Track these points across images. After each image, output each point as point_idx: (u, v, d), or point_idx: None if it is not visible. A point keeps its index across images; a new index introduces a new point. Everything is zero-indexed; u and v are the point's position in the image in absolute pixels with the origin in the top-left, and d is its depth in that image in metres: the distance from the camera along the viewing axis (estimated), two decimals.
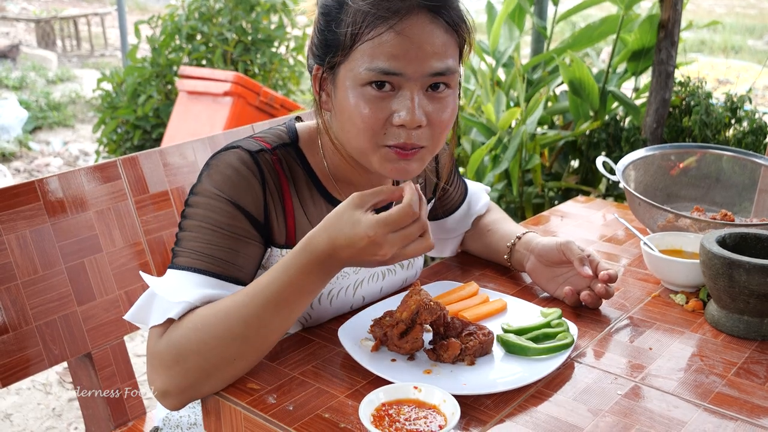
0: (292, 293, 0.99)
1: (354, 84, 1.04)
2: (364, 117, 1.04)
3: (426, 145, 1.07)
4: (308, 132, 1.20)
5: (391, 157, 1.07)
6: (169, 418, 1.36)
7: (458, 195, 1.48)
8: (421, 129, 1.05)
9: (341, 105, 1.07)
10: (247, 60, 4.86)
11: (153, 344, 1.03)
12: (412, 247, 0.97)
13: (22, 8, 12.24)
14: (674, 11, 2.82)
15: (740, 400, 1.01)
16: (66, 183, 1.38)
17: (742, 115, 2.85)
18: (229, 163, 1.09)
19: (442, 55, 1.04)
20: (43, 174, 5.26)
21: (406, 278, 1.35)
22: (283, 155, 1.15)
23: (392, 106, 1.04)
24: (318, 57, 1.10)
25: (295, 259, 0.99)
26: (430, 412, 0.93)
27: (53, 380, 2.71)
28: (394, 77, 1.02)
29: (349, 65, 1.04)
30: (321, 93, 1.12)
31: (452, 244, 1.53)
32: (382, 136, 1.05)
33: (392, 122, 1.04)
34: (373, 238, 0.94)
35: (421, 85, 1.04)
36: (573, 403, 0.99)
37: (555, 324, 1.15)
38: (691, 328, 1.21)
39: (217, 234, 1.06)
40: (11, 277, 1.29)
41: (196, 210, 1.08)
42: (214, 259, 1.06)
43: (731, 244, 1.25)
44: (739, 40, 10.85)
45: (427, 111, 1.05)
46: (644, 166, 1.72)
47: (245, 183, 1.08)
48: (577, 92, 2.96)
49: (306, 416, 0.96)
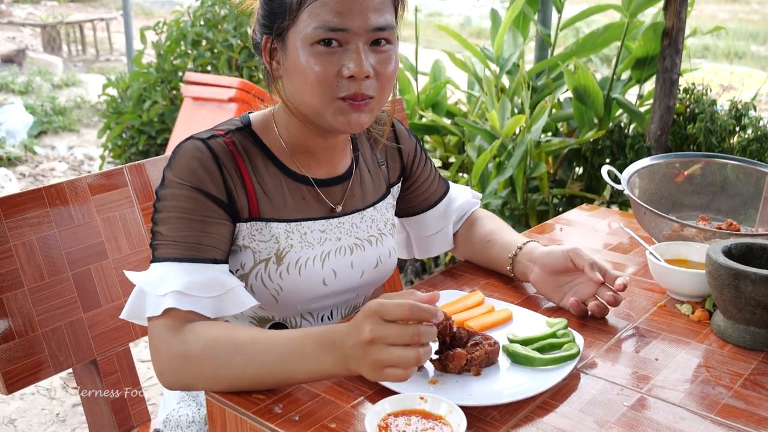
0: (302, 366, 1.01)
1: (303, 44, 1.12)
2: (316, 72, 1.11)
3: (374, 95, 1.15)
4: (260, 116, 1.28)
5: (344, 109, 1.14)
6: (169, 419, 1.37)
7: (438, 186, 1.50)
8: (369, 80, 1.13)
9: (293, 66, 1.15)
10: (252, 66, 4.86)
11: (161, 336, 1.08)
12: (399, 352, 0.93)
13: (29, 13, 12.29)
14: (678, 19, 2.83)
15: (747, 412, 1.00)
16: (72, 190, 1.38)
17: (747, 123, 2.85)
18: (185, 152, 1.17)
19: (381, 11, 1.13)
20: (48, 178, 5.28)
21: (379, 256, 1.35)
22: (236, 138, 1.23)
23: (341, 61, 1.12)
24: (266, 27, 1.18)
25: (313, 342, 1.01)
26: (437, 423, 0.93)
27: (57, 385, 2.72)
28: (340, 33, 1.11)
29: (297, 27, 1.13)
30: (272, 62, 1.20)
31: (436, 243, 1.53)
32: (334, 89, 1.13)
33: (342, 75, 1.12)
34: (371, 331, 0.93)
35: (365, 40, 1.12)
36: (579, 415, 0.99)
37: (561, 334, 1.15)
38: (697, 338, 1.21)
39: (187, 220, 1.13)
40: (18, 283, 1.29)
41: (163, 203, 1.15)
42: (188, 244, 1.12)
43: (737, 254, 1.25)
44: (743, 46, 10.85)
45: (372, 64, 1.13)
46: (649, 175, 1.72)
47: (203, 167, 1.16)
48: (581, 99, 2.96)
49: (312, 426, 0.96)
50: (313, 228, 1.26)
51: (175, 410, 1.37)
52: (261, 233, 1.22)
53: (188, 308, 1.08)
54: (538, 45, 3.54)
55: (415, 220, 1.52)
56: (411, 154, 1.46)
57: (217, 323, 1.08)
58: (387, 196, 1.40)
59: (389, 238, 1.39)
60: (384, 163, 1.42)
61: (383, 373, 0.94)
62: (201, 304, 1.09)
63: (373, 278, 1.36)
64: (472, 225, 1.52)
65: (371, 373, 0.95)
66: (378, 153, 1.41)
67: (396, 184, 1.44)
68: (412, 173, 1.47)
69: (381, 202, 1.38)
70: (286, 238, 1.24)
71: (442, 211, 1.51)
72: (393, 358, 0.92)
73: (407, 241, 1.57)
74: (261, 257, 1.23)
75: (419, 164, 1.47)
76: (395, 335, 0.92)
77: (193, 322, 1.08)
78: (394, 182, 1.44)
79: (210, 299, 1.10)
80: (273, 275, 1.23)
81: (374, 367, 0.93)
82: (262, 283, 1.24)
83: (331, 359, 0.98)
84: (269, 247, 1.23)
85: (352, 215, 1.32)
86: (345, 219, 1.31)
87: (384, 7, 1.14)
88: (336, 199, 1.30)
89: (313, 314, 1.33)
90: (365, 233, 1.34)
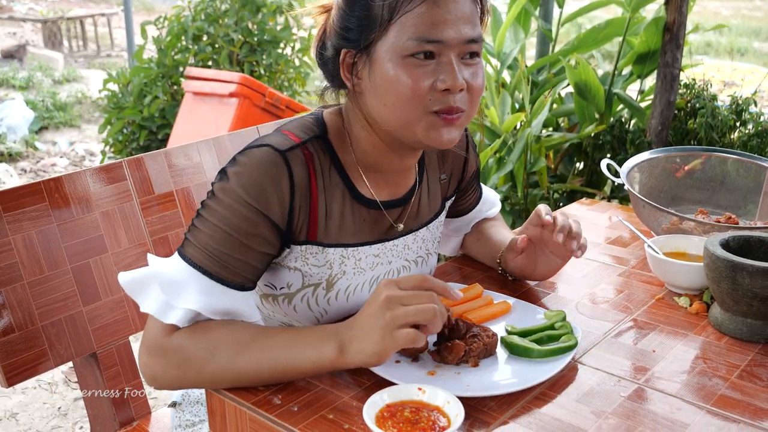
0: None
1: (396, 56, 1.07)
2: (409, 86, 1.06)
3: (465, 110, 1.11)
4: (335, 122, 1.20)
5: (437, 123, 1.09)
6: (188, 394, 1.37)
7: (473, 199, 1.48)
8: (461, 93, 1.09)
9: (382, 80, 1.08)
10: (253, 61, 4.87)
11: (157, 336, 1.04)
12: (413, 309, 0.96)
13: (29, 8, 12.29)
14: (680, 14, 2.82)
15: (743, 403, 1.01)
16: (72, 184, 1.39)
17: (748, 118, 2.85)
18: (257, 161, 1.08)
19: (473, 24, 1.09)
20: (49, 174, 5.28)
21: None
22: (314, 150, 1.14)
23: (434, 74, 1.07)
24: (347, 40, 1.11)
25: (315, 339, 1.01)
26: (434, 413, 0.93)
27: (59, 380, 2.73)
28: (435, 45, 1.06)
29: (387, 40, 1.07)
30: (352, 77, 1.13)
31: (454, 242, 1.53)
32: (428, 102, 1.08)
33: (436, 88, 1.07)
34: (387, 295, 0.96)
35: (458, 52, 1.08)
36: (576, 405, 1.00)
37: (559, 326, 1.15)
38: (695, 330, 1.21)
39: (233, 239, 1.06)
40: (17, 277, 1.30)
41: (218, 207, 1.07)
42: (223, 264, 1.05)
43: (735, 247, 1.25)
44: (745, 43, 10.83)
45: (465, 77, 1.09)
46: (649, 169, 1.72)
47: (274, 187, 1.07)
48: (582, 94, 2.96)
49: (310, 417, 0.96)
50: (368, 253, 1.21)
51: None
52: (315, 257, 1.16)
53: (194, 322, 1.05)
54: (540, 40, 3.54)
55: (449, 222, 1.49)
56: (472, 167, 1.41)
57: (213, 323, 1.05)
58: (441, 212, 1.35)
59: (434, 256, 1.36)
60: (446, 179, 1.36)
61: (394, 338, 0.94)
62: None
63: None
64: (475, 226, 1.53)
65: (380, 342, 0.95)
66: (443, 165, 1.35)
67: (451, 198, 1.40)
68: (465, 187, 1.43)
69: (435, 220, 1.33)
70: (340, 264, 1.18)
71: (473, 217, 1.50)
72: (410, 312, 0.94)
73: None
74: (311, 281, 1.17)
75: (473, 179, 1.44)
76: (411, 295, 0.95)
77: (190, 326, 1.05)
78: (450, 195, 1.39)
79: (219, 320, 1.07)
80: (320, 300, 1.19)
81: (386, 330, 0.94)
82: (308, 305, 1.19)
83: (330, 348, 0.98)
84: (321, 272, 1.17)
85: (406, 236, 1.26)
86: (399, 241, 1.25)
87: (474, 18, 1.10)
88: (395, 220, 1.25)
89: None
90: (414, 254, 1.29)
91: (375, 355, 0.96)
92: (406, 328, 0.94)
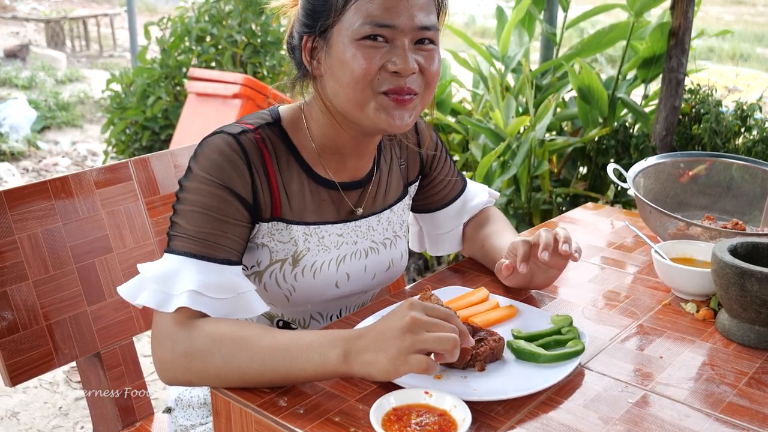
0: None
1: (350, 40, 1.11)
2: (361, 66, 1.11)
3: (418, 92, 1.14)
4: (290, 112, 1.26)
5: (387, 104, 1.13)
6: (181, 398, 1.38)
7: (454, 184, 1.49)
8: (413, 76, 1.13)
9: (337, 62, 1.13)
10: (256, 62, 4.86)
11: (165, 326, 1.06)
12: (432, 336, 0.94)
13: (32, 8, 12.31)
14: (685, 19, 2.82)
15: (751, 410, 1.00)
16: (78, 183, 1.38)
17: (752, 124, 2.85)
18: (215, 147, 1.15)
19: (427, 11, 1.14)
20: (51, 173, 5.28)
21: (391, 259, 1.36)
22: (266, 134, 1.21)
23: (386, 57, 1.12)
24: (307, 26, 1.17)
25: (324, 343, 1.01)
26: (441, 417, 0.93)
27: (60, 379, 2.72)
28: (387, 30, 1.11)
29: (343, 24, 1.12)
30: (312, 61, 1.19)
31: (448, 242, 1.53)
32: (377, 83, 1.12)
33: (387, 69, 1.12)
34: (411, 317, 0.94)
35: (411, 38, 1.12)
36: (583, 411, 0.99)
37: (565, 331, 1.14)
38: (702, 337, 1.21)
39: (208, 216, 1.12)
40: (22, 276, 1.29)
41: (186, 195, 1.13)
42: (206, 242, 1.11)
43: (743, 253, 1.25)
44: (748, 48, 10.83)
45: (417, 61, 1.13)
46: (654, 174, 1.72)
47: (232, 165, 1.14)
48: (586, 99, 2.96)
49: (316, 420, 0.96)
50: (331, 232, 1.26)
51: (188, 390, 1.37)
52: (281, 234, 1.22)
53: (199, 308, 1.07)
54: (544, 44, 3.54)
55: (429, 217, 1.51)
56: (431, 151, 1.44)
57: (223, 320, 1.07)
58: (404, 197, 1.40)
59: (402, 240, 1.39)
60: (404, 163, 1.40)
61: (408, 361, 0.92)
62: (213, 306, 1.09)
63: (384, 280, 1.36)
64: (478, 225, 1.51)
65: (393, 361, 0.93)
66: (399, 150, 1.40)
67: (414, 183, 1.43)
68: (430, 171, 1.45)
69: (398, 204, 1.38)
70: (304, 241, 1.23)
71: (456, 211, 1.50)
72: (430, 339, 0.93)
73: (420, 235, 1.57)
74: (277, 257, 1.23)
75: (439, 162, 1.46)
76: (435, 324, 0.95)
77: (199, 318, 1.07)
78: (412, 181, 1.43)
79: (222, 301, 1.10)
80: (287, 276, 1.23)
81: (403, 352, 0.92)
82: (276, 282, 1.23)
83: (335, 353, 0.97)
84: (287, 248, 1.22)
85: (369, 218, 1.31)
86: (362, 222, 1.30)
87: (430, 7, 1.14)
88: (355, 202, 1.30)
89: (323, 314, 1.33)
90: (381, 236, 1.34)
91: (384, 371, 0.94)
92: (421, 355, 0.93)
